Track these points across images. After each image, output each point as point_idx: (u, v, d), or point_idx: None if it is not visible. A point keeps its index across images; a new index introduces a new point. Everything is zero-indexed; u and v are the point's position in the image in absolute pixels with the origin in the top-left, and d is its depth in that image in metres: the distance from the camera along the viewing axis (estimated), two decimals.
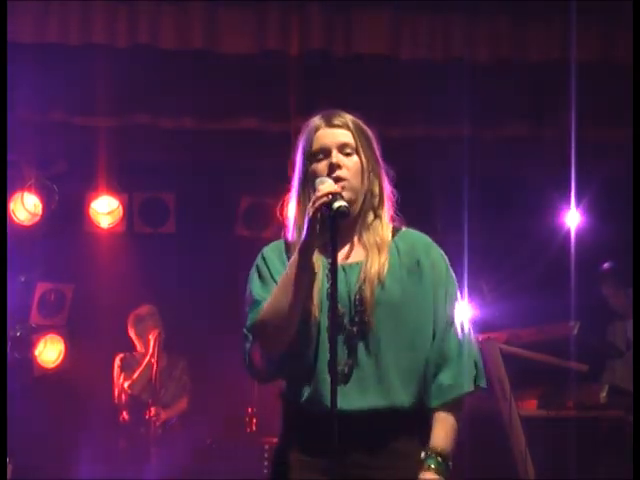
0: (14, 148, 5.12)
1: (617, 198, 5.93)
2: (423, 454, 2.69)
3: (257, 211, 7.07)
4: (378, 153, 2.87)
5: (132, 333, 6.83)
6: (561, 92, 5.51)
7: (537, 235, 6.42)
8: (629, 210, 4.18)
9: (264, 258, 2.83)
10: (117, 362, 6.72)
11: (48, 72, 5.64)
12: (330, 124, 2.81)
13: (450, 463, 2.70)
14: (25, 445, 6.51)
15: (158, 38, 5.41)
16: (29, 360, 6.91)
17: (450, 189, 5.84)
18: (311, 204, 2.65)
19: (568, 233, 6.32)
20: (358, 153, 2.80)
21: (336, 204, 2.62)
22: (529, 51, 5.61)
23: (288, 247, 2.82)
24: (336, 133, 2.80)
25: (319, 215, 2.63)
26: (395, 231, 2.86)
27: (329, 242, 2.62)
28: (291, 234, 2.82)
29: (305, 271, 2.66)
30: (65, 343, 7.07)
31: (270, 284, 2.77)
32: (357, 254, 2.80)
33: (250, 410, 6.51)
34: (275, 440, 2.96)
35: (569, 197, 6.19)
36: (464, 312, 2.88)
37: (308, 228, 2.65)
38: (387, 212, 2.86)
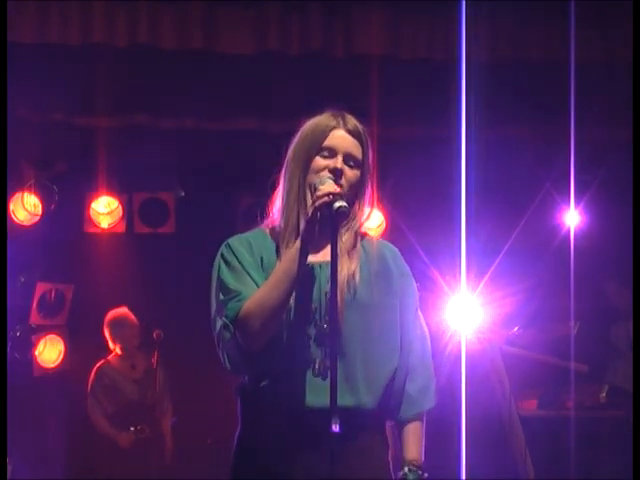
0: (14, 148, 5.12)
1: (617, 198, 5.94)
2: (406, 469, 2.77)
3: (257, 211, 7.05)
4: (371, 168, 2.88)
5: (108, 334, 6.75)
6: (561, 92, 5.52)
7: (537, 235, 6.42)
8: (629, 210, 4.18)
9: (232, 249, 2.83)
10: (93, 375, 6.67)
11: (48, 72, 5.64)
12: (347, 128, 2.81)
13: (423, 473, 2.78)
14: (25, 445, 6.52)
15: (158, 38, 5.41)
16: (29, 360, 6.91)
17: (449, 189, 5.83)
18: (311, 203, 2.67)
19: (568, 233, 6.32)
20: (360, 168, 2.81)
21: (336, 204, 2.62)
22: (529, 51, 5.62)
23: (275, 235, 2.82)
24: (349, 140, 2.80)
25: (318, 215, 2.64)
26: (362, 237, 2.89)
27: (320, 239, 2.66)
28: (282, 221, 2.82)
29: (301, 268, 2.67)
30: (65, 343, 7.06)
31: (242, 274, 2.77)
32: (324, 256, 2.77)
33: None
34: None
35: (569, 197, 6.20)
36: (463, 312, 2.92)
37: (307, 227, 2.66)
38: (364, 221, 2.89)
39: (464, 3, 5.38)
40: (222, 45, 5.47)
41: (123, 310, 6.75)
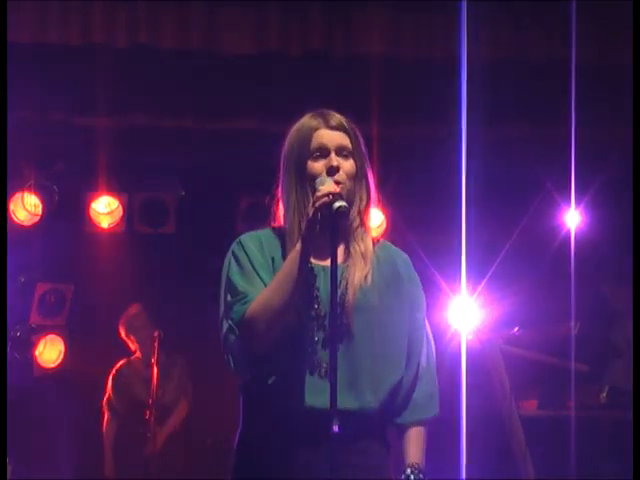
0: (14, 148, 5.12)
1: (617, 198, 5.93)
2: (409, 470, 2.78)
3: (257, 211, 7.07)
4: (366, 156, 2.88)
5: (123, 334, 6.79)
6: (561, 92, 5.52)
7: (537, 235, 6.42)
8: (629, 210, 4.18)
9: (243, 248, 2.81)
10: (111, 378, 6.68)
11: (48, 72, 5.64)
12: (329, 125, 2.82)
13: (425, 476, 2.80)
14: (25, 445, 6.52)
15: (158, 38, 5.41)
16: (29, 360, 6.91)
17: (449, 189, 5.84)
18: (311, 204, 2.66)
19: (568, 233, 6.31)
20: (354, 156, 2.82)
21: (336, 204, 2.62)
22: (529, 51, 5.62)
23: (281, 238, 2.81)
24: (334, 135, 2.81)
25: (319, 215, 2.63)
26: (374, 241, 2.89)
27: (328, 242, 2.63)
28: (286, 225, 2.81)
29: (303, 269, 2.66)
30: (65, 343, 7.06)
31: (252, 275, 2.76)
32: (339, 257, 2.77)
33: None
34: None
35: (569, 197, 6.19)
36: (464, 312, 2.93)
37: (307, 227, 2.66)
38: (370, 218, 2.88)
39: (464, 3, 5.38)
40: (222, 45, 5.47)
41: (134, 307, 6.78)
